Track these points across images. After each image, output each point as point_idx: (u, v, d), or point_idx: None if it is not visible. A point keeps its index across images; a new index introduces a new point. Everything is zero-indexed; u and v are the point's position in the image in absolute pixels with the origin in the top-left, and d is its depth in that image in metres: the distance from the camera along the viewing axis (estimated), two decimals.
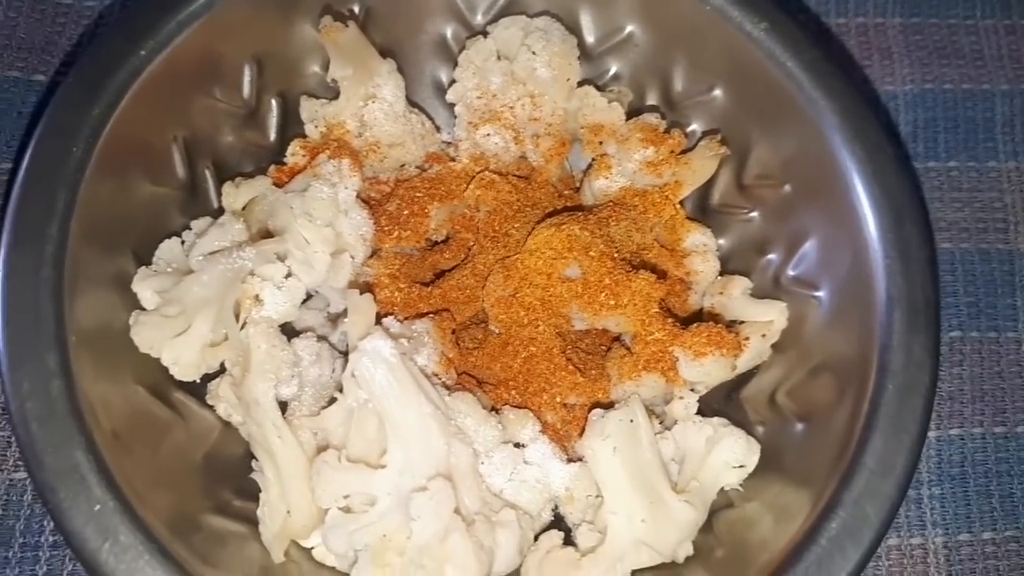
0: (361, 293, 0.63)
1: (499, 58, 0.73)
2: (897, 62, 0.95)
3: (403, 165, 0.76)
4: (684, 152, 0.73)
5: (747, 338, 0.68)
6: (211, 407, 0.67)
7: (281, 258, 0.63)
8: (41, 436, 0.55)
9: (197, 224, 0.67)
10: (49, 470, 0.54)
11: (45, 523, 0.71)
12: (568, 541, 0.64)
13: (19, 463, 0.73)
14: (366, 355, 0.59)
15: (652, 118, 0.73)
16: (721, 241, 0.76)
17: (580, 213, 0.70)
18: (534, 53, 0.71)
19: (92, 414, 0.56)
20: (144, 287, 0.63)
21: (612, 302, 0.66)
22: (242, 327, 0.62)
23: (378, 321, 0.64)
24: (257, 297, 0.62)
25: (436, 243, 0.75)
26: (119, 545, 0.53)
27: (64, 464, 0.54)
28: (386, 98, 0.72)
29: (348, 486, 0.58)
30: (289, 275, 0.63)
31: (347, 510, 0.59)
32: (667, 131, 0.73)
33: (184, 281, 0.61)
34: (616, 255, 0.67)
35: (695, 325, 0.66)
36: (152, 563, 0.53)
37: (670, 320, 0.66)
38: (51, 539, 0.71)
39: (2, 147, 0.82)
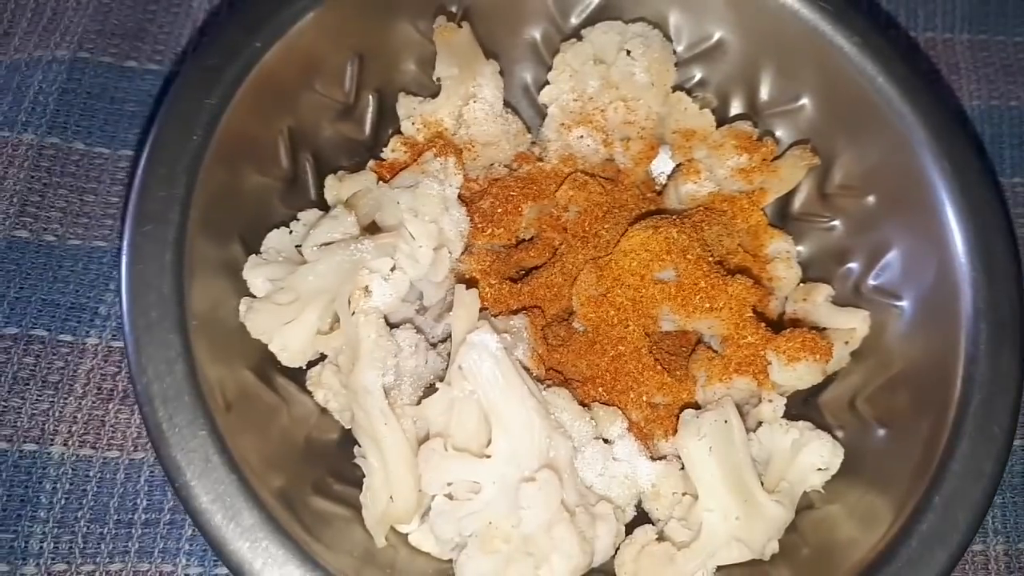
0: (467, 288, 0.65)
1: (596, 62, 0.75)
2: (964, 78, 0.97)
3: (493, 164, 0.77)
4: (774, 159, 0.75)
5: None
6: (309, 393, 0.68)
7: (392, 252, 0.64)
8: (167, 416, 0.56)
9: (305, 215, 0.68)
10: (176, 449, 0.56)
11: (138, 501, 0.73)
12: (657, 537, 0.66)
13: (112, 442, 0.74)
14: (474, 348, 0.61)
15: (746, 125, 0.75)
16: (801, 248, 0.78)
17: (675, 216, 0.72)
18: (633, 58, 0.73)
19: (212, 395, 0.58)
20: (255, 275, 0.64)
21: (707, 305, 0.67)
22: (352, 316, 0.64)
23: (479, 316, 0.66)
24: (366, 288, 0.64)
25: (521, 241, 0.77)
26: (242, 524, 0.55)
27: (190, 444, 0.56)
28: (487, 98, 0.74)
29: (454, 473, 0.60)
30: (395, 268, 0.65)
31: (450, 497, 0.61)
32: (759, 139, 0.74)
33: (299, 271, 0.63)
34: (711, 259, 0.69)
35: (788, 330, 0.68)
36: (274, 542, 0.55)
37: (762, 325, 0.68)
38: (143, 517, 0.73)
39: (96, 131, 0.84)
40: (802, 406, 0.73)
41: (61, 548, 0.70)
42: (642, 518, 0.68)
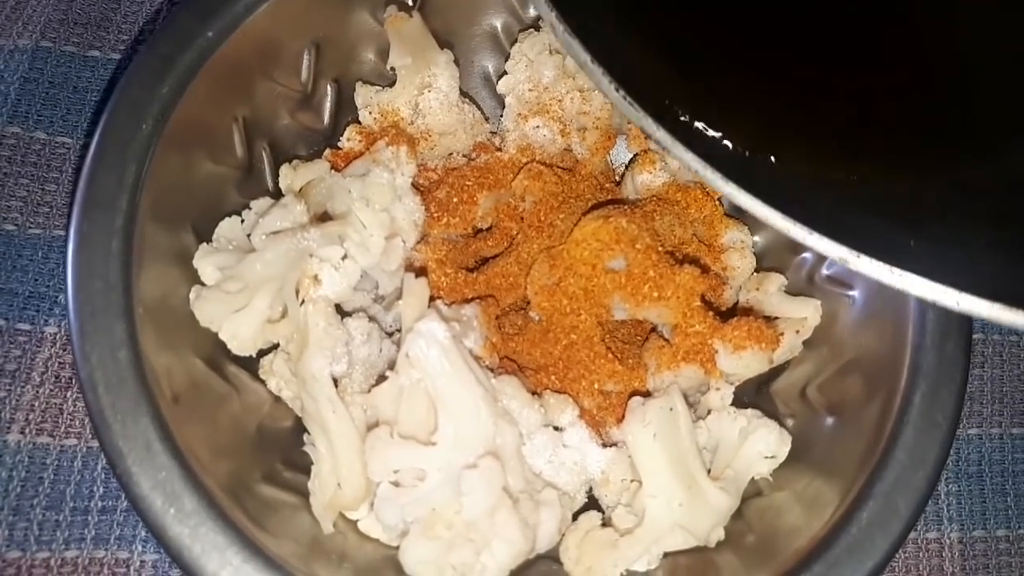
0: (416, 277, 0.65)
1: (552, 52, 0.75)
2: None
3: (451, 153, 0.78)
4: None
5: (782, 333, 0.70)
6: (262, 381, 0.69)
7: (340, 240, 0.65)
8: (110, 403, 0.57)
9: (257, 204, 0.69)
10: (118, 436, 0.56)
11: (95, 489, 0.74)
12: (602, 523, 0.66)
13: (70, 430, 0.75)
14: (421, 336, 0.61)
15: None
16: (756, 238, 0.78)
17: (626, 206, 0.72)
18: None
19: (157, 383, 0.59)
20: (205, 263, 0.65)
21: (656, 294, 0.68)
22: (301, 305, 0.64)
23: (428, 305, 0.66)
24: (316, 277, 0.64)
25: (479, 231, 0.77)
26: (183, 511, 0.56)
27: (132, 431, 0.56)
28: (441, 88, 0.74)
29: (400, 461, 0.61)
30: (346, 257, 0.65)
31: (396, 484, 0.61)
32: None
33: (247, 259, 0.63)
34: (660, 248, 0.69)
35: (735, 319, 0.68)
36: (214, 528, 0.56)
37: (710, 313, 0.68)
38: (100, 504, 0.73)
39: (58, 121, 0.84)
40: (755, 394, 0.74)
41: (16, 536, 0.71)
42: (593, 505, 0.69)
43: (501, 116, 0.80)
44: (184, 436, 0.58)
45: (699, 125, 0.48)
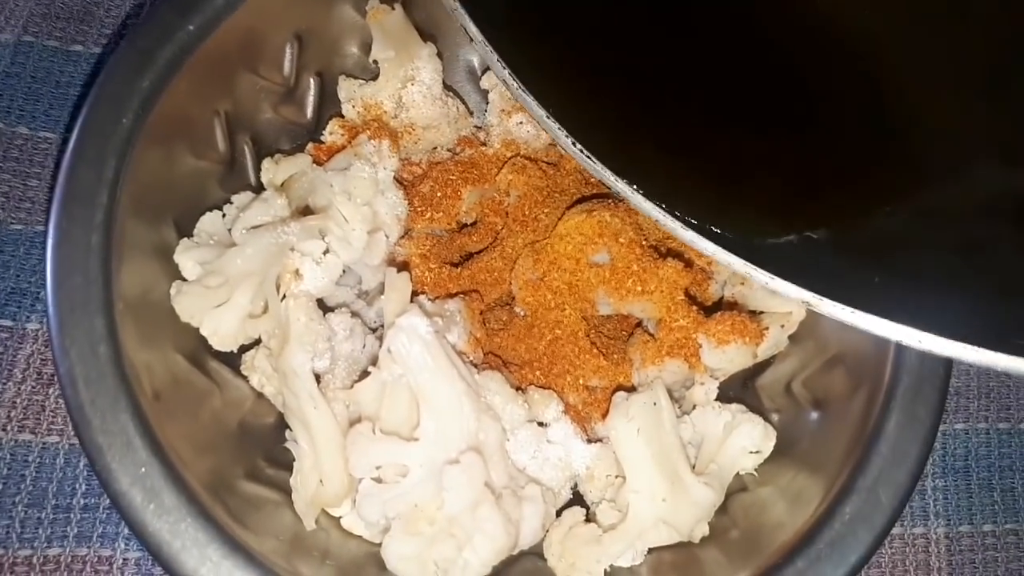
0: (398, 272, 0.65)
1: None
2: None
3: (435, 148, 0.77)
4: None
5: (766, 328, 0.70)
6: (245, 377, 0.68)
7: (321, 235, 0.64)
8: (89, 398, 0.56)
9: (238, 198, 0.68)
10: (97, 431, 0.56)
11: (77, 486, 0.73)
12: (587, 518, 0.66)
13: (52, 427, 0.74)
14: (403, 331, 0.61)
15: None
16: None
17: (609, 200, 0.72)
18: None
19: (137, 379, 0.58)
20: (186, 258, 0.64)
21: (639, 288, 0.68)
22: (282, 300, 0.64)
23: (411, 299, 0.66)
24: (297, 272, 0.64)
25: (464, 225, 0.77)
26: (163, 506, 0.55)
27: (111, 426, 0.56)
28: (424, 81, 0.73)
29: (381, 457, 0.60)
30: (327, 251, 0.65)
31: (378, 480, 0.61)
32: None
33: (227, 253, 0.63)
34: (644, 242, 0.69)
35: (719, 313, 0.68)
36: (194, 524, 0.55)
37: (694, 308, 0.68)
38: (82, 502, 0.73)
39: (40, 116, 0.83)
40: (741, 389, 0.74)
41: None
42: (578, 500, 0.69)
43: (486, 110, 0.80)
44: (165, 432, 0.58)
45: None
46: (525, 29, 0.51)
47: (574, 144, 0.48)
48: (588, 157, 0.48)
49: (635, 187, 0.48)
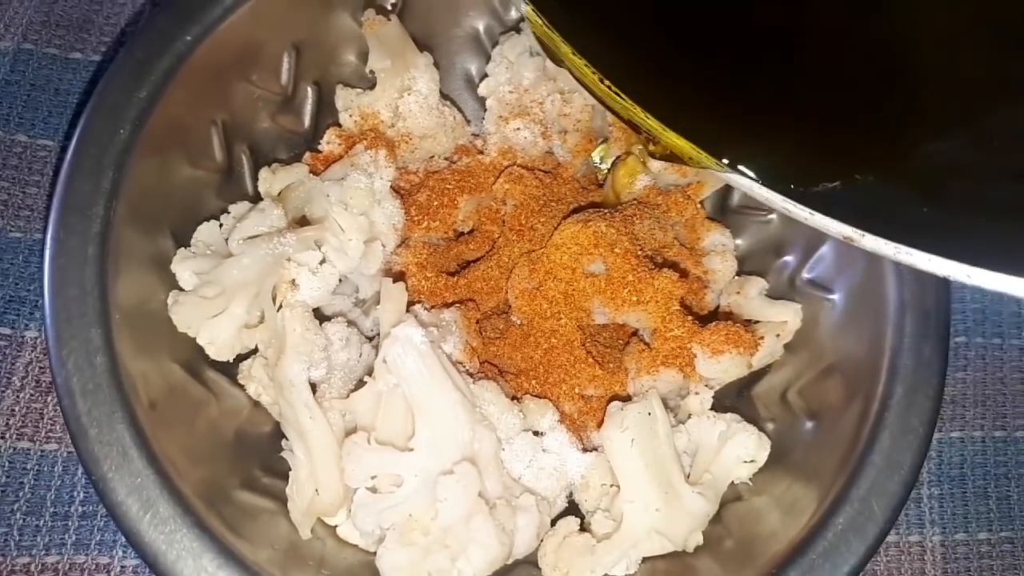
0: (394, 281, 0.65)
1: (532, 54, 0.75)
2: None
3: (432, 156, 0.77)
4: None
5: (762, 337, 0.70)
6: (242, 386, 0.69)
7: (317, 245, 0.65)
8: (86, 409, 0.57)
9: (235, 208, 0.69)
10: (94, 442, 0.56)
11: (75, 494, 0.74)
12: (582, 528, 0.67)
13: (51, 435, 0.75)
14: (398, 342, 0.61)
15: None
16: (739, 241, 0.78)
17: (605, 210, 0.72)
18: None
19: (133, 389, 0.59)
20: (183, 268, 0.64)
21: (634, 298, 0.68)
22: (278, 310, 0.64)
23: (408, 309, 0.66)
24: (293, 282, 0.64)
25: (461, 234, 0.77)
26: (159, 516, 0.56)
27: (108, 437, 0.57)
28: (421, 91, 0.74)
29: (377, 467, 0.61)
30: (324, 261, 0.65)
31: (373, 490, 0.61)
32: None
33: (224, 264, 0.63)
34: (640, 253, 0.69)
35: (713, 323, 0.68)
36: (190, 535, 0.56)
37: (689, 318, 0.68)
38: (80, 509, 0.73)
39: (39, 123, 0.84)
40: (737, 398, 0.74)
41: None
42: (574, 509, 0.69)
43: (483, 118, 0.80)
44: (161, 442, 0.58)
45: None
46: None
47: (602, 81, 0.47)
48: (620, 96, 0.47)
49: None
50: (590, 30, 0.50)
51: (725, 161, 0.47)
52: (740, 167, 0.47)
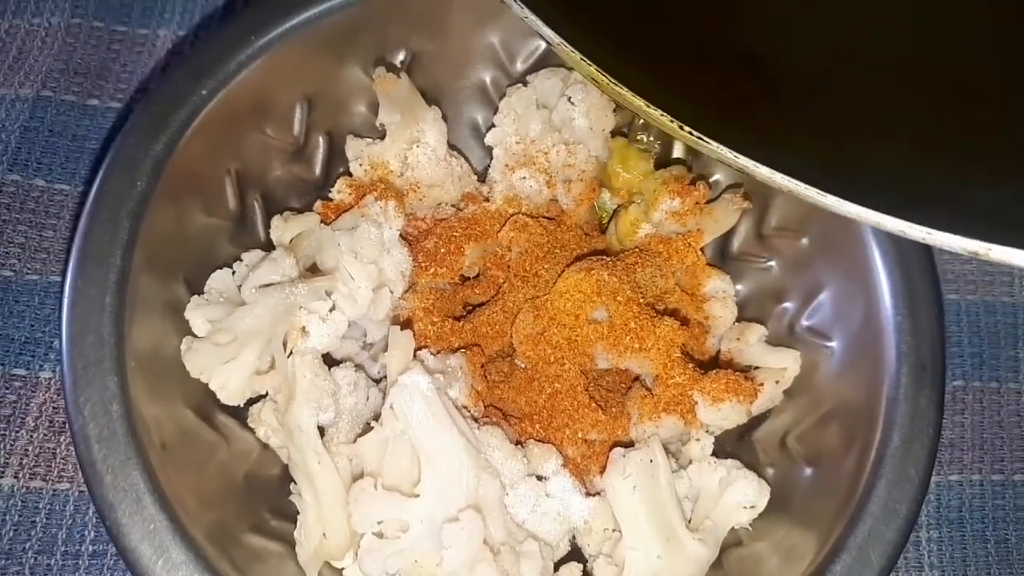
0: (401, 329, 0.67)
1: (538, 107, 0.77)
2: None
3: (439, 204, 0.79)
4: (708, 202, 0.77)
5: (761, 384, 0.72)
6: (251, 429, 0.70)
7: (328, 293, 0.66)
8: (101, 455, 0.58)
9: (248, 256, 0.70)
10: (108, 488, 0.58)
11: (86, 533, 0.75)
12: (585, 573, 0.68)
13: (63, 474, 0.76)
14: (405, 389, 0.63)
15: (680, 170, 0.77)
16: (739, 287, 0.80)
17: (608, 259, 0.74)
18: (573, 104, 0.75)
19: (147, 434, 0.60)
20: (197, 315, 0.66)
21: (637, 345, 0.69)
22: (288, 356, 0.66)
23: (414, 354, 0.68)
24: (303, 329, 0.66)
25: (467, 279, 0.79)
26: (171, 562, 0.57)
27: (122, 483, 0.58)
28: (429, 143, 0.76)
29: (383, 512, 0.62)
30: (333, 308, 0.67)
31: (380, 535, 0.63)
32: (693, 183, 0.76)
33: (237, 312, 0.65)
34: (641, 300, 0.71)
35: (714, 372, 0.70)
36: None
37: (690, 365, 0.70)
38: (91, 548, 0.75)
39: (57, 169, 0.86)
40: (737, 443, 0.75)
41: None
42: (576, 553, 0.70)
43: (488, 163, 0.82)
44: (173, 486, 0.60)
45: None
46: None
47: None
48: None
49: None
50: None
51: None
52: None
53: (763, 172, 0.45)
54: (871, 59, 0.51)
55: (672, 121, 0.46)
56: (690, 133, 0.46)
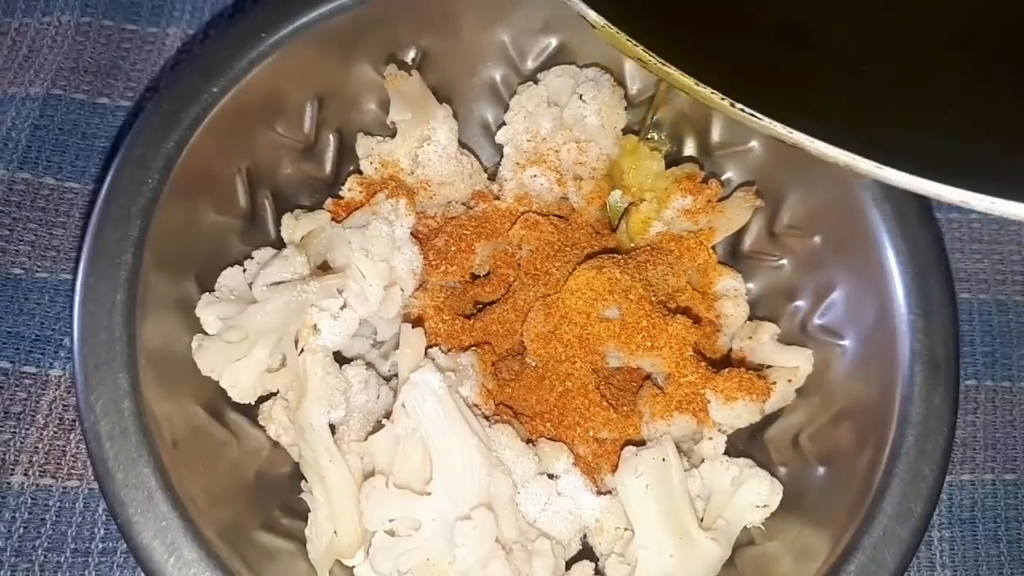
0: (412, 327, 0.66)
1: (549, 104, 0.77)
2: None
3: (450, 202, 0.79)
4: (720, 200, 0.77)
5: (774, 382, 0.71)
6: (262, 427, 0.70)
7: (339, 291, 0.66)
8: (113, 453, 0.58)
9: (259, 254, 0.70)
10: (120, 485, 0.57)
11: (96, 530, 0.75)
12: (596, 571, 0.67)
13: (73, 471, 0.76)
14: (417, 387, 0.63)
15: (692, 168, 0.77)
16: (750, 286, 0.79)
17: (620, 257, 0.73)
18: (584, 102, 0.75)
19: (158, 432, 0.60)
20: (208, 313, 0.66)
21: (648, 344, 0.69)
22: (299, 354, 0.65)
23: (425, 352, 0.68)
24: (315, 327, 0.65)
25: (477, 276, 0.79)
26: (183, 560, 0.57)
27: (134, 480, 0.58)
28: (440, 141, 0.76)
29: (395, 510, 0.62)
30: (344, 306, 0.67)
31: (391, 533, 0.62)
32: (705, 181, 0.76)
33: (248, 310, 0.64)
34: (653, 299, 0.71)
35: (727, 370, 0.69)
36: None
37: (703, 363, 0.70)
38: (100, 546, 0.74)
39: (67, 167, 0.86)
40: (749, 441, 0.75)
41: None
42: (588, 552, 0.70)
43: (499, 161, 0.82)
44: (184, 484, 0.60)
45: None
46: None
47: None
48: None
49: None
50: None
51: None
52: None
53: (818, 147, 0.43)
54: (914, 21, 0.50)
55: (723, 99, 0.45)
56: (741, 110, 0.44)
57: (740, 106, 0.44)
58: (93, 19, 0.92)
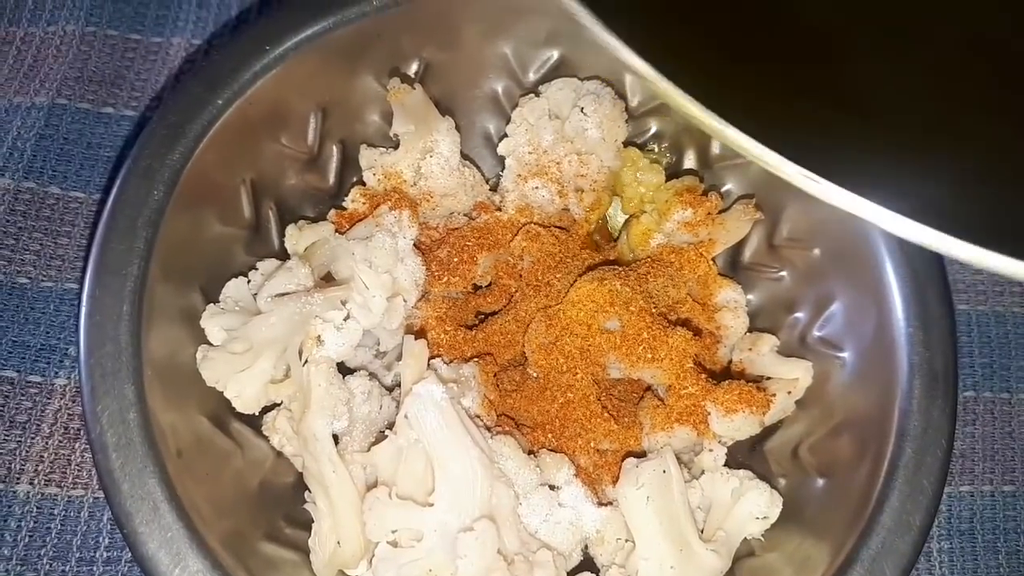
0: (415, 338, 0.67)
1: (551, 117, 0.78)
2: None
3: (452, 213, 0.80)
4: (720, 212, 0.77)
5: (773, 394, 0.72)
6: (266, 437, 0.71)
7: (343, 302, 0.67)
8: (119, 464, 0.59)
9: (263, 265, 0.71)
10: (126, 497, 0.58)
11: (100, 539, 0.75)
12: None
13: (78, 480, 0.77)
14: (419, 399, 0.63)
15: (692, 180, 0.77)
16: (750, 297, 0.80)
17: (621, 268, 0.74)
18: (586, 114, 0.76)
19: (164, 443, 0.60)
20: (212, 324, 0.67)
21: (649, 355, 0.70)
22: (303, 365, 0.66)
23: (428, 363, 0.68)
24: (318, 338, 0.66)
25: (479, 288, 0.79)
26: (188, 570, 0.57)
27: (139, 491, 0.58)
28: (443, 153, 0.76)
29: (397, 521, 0.62)
30: (348, 317, 0.67)
31: (394, 544, 0.63)
32: (705, 193, 0.77)
33: (253, 321, 0.65)
34: (654, 310, 0.71)
35: (727, 382, 0.70)
36: None
37: (703, 375, 0.70)
38: (105, 555, 0.75)
39: (72, 176, 0.87)
40: (749, 453, 0.75)
41: None
42: (589, 563, 0.70)
43: (500, 172, 0.82)
44: (189, 494, 0.60)
45: None
46: None
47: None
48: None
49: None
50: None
51: None
52: None
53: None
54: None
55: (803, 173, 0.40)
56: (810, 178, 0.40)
57: (809, 175, 0.40)
58: (98, 29, 0.93)
